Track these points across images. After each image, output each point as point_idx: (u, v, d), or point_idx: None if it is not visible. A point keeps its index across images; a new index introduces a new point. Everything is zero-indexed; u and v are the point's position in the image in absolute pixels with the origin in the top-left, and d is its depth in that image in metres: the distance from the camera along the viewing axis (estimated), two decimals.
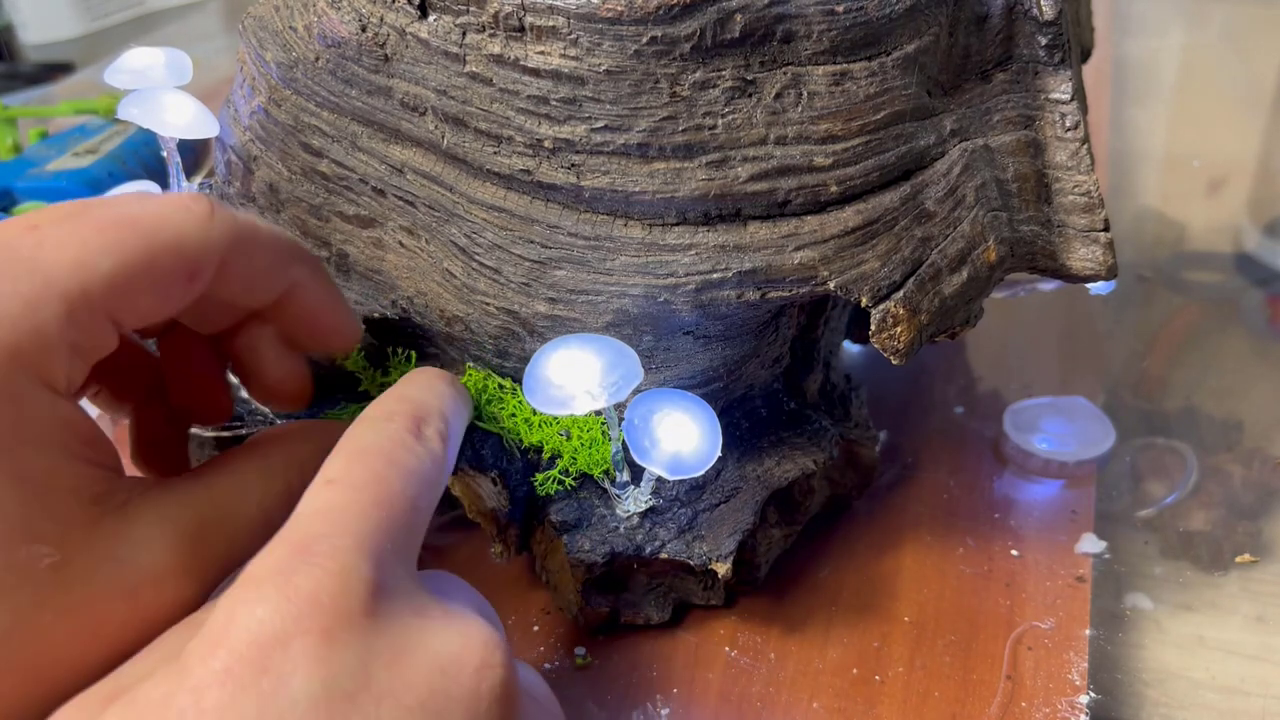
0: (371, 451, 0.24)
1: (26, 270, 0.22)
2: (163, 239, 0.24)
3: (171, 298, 0.25)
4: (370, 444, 0.24)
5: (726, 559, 0.31)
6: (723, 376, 0.33)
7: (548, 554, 0.33)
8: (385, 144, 0.32)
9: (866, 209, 0.30)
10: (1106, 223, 0.32)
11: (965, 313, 0.32)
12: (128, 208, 0.24)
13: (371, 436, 0.24)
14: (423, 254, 0.33)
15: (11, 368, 0.21)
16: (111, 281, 0.23)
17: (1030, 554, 0.36)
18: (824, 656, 0.33)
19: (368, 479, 0.23)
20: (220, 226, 0.25)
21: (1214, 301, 0.54)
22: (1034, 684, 0.31)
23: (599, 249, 0.30)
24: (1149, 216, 0.62)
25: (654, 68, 0.28)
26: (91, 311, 0.23)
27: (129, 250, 0.23)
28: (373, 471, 0.23)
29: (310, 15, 0.32)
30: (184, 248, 0.24)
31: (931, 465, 0.41)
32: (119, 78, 0.37)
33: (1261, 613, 0.36)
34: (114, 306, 0.23)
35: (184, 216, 0.24)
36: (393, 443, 0.24)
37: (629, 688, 0.32)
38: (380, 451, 0.24)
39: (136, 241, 0.23)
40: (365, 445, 0.24)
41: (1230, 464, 0.42)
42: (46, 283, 0.22)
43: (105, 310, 0.23)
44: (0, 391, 0.21)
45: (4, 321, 0.21)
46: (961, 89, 0.32)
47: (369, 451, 0.24)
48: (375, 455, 0.24)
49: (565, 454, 0.32)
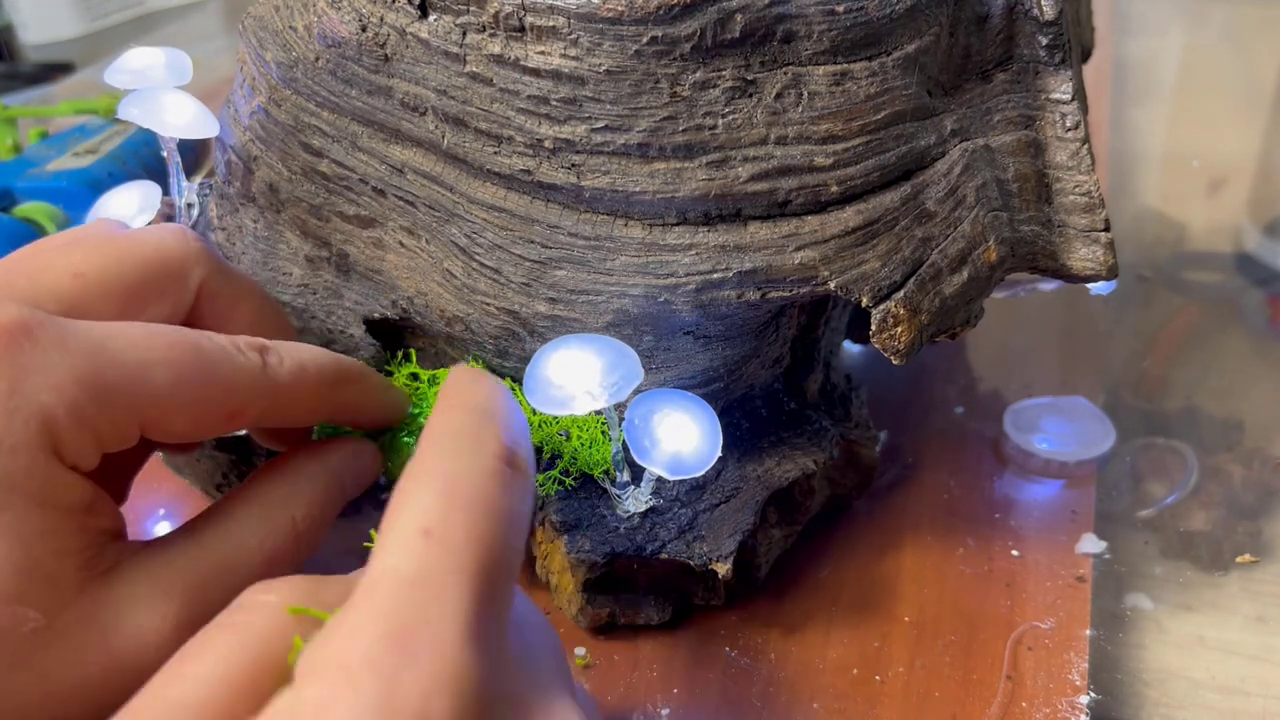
0: (468, 494, 0.21)
1: (88, 352, 0.23)
2: (219, 375, 0.25)
3: (206, 428, 0.25)
4: (465, 481, 0.21)
5: (726, 559, 0.31)
6: (723, 376, 0.33)
7: (548, 554, 0.33)
8: (385, 144, 0.32)
9: (867, 209, 0.30)
10: (1107, 223, 0.32)
11: (965, 313, 0.32)
12: (198, 334, 0.25)
13: (465, 469, 0.21)
14: (423, 254, 0.33)
15: (37, 431, 0.22)
16: (158, 395, 0.23)
17: (1030, 554, 0.36)
18: (824, 656, 0.33)
19: (469, 534, 0.20)
20: (271, 376, 0.26)
21: (1214, 301, 0.54)
22: (1034, 684, 0.31)
23: (599, 249, 0.30)
24: (1149, 216, 0.62)
25: (654, 68, 0.28)
26: (129, 412, 0.23)
27: (186, 376, 0.24)
28: (473, 525, 0.20)
29: (310, 15, 0.32)
30: (234, 391, 0.25)
31: (931, 465, 0.41)
32: (119, 78, 0.37)
33: (1261, 613, 0.36)
34: (150, 417, 0.24)
35: (241, 361, 0.25)
36: (489, 478, 0.22)
37: (629, 688, 0.32)
38: (478, 494, 0.21)
39: (195, 371, 0.24)
40: (460, 482, 0.21)
41: (1230, 464, 0.42)
42: (100, 371, 0.22)
43: (140, 415, 0.24)
44: (20, 450, 0.22)
45: (49, 390, 0.22)
46: (962, 89, 0.32)
47: (466, 494, 0.21)
48: (474, 501, 0.21)
49: (565, 454, 0.32)
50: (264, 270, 0.35)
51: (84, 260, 0.26)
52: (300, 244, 0.35)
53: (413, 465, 0.22)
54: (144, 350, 0.23)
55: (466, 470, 0.21)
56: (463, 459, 0.22)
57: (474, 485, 0.21)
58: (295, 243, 0.35)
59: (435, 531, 0.20)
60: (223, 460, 0.35)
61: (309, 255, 0.35)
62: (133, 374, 0.23)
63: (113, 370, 0.23)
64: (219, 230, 0.37)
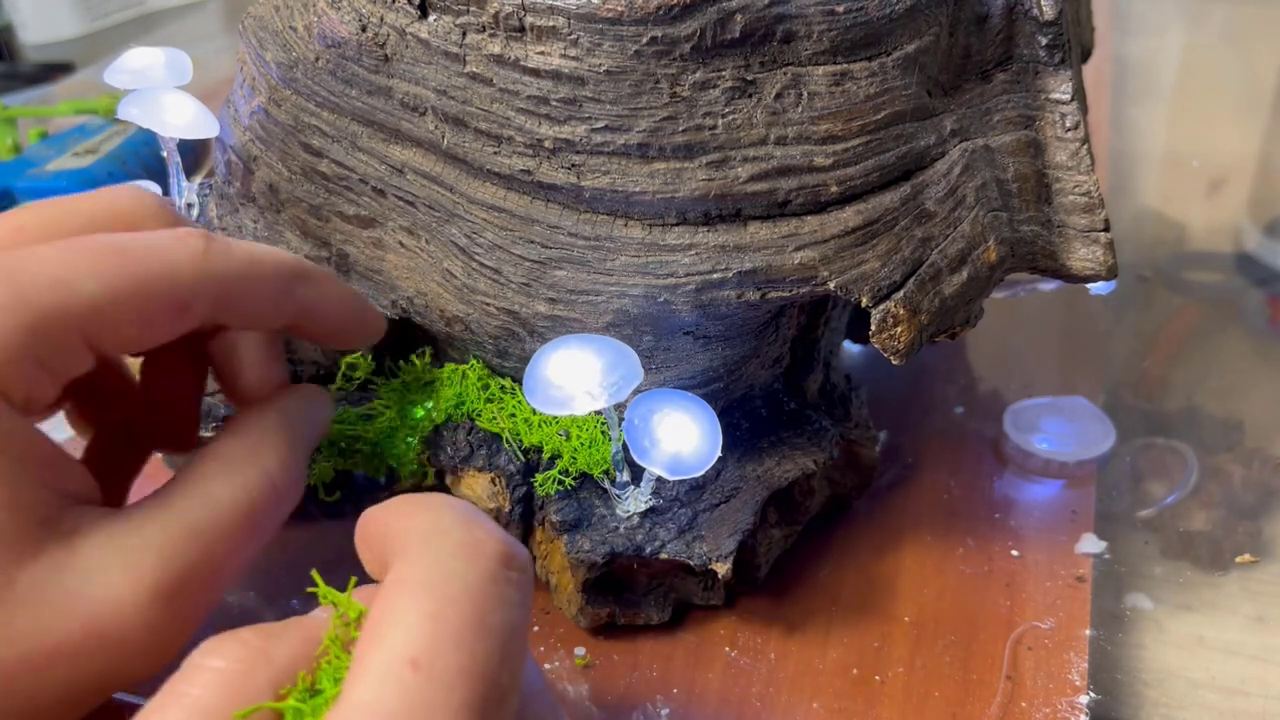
0: (463, 612, 0.19)
1: (5, 280, 0.21)
2: (152, 270, 0.23)
3: (158, 329, 0.24)
4: (459, 595, 0.19)
5: (726, 559, 0.31)
6: (723, 377, 0.33)
7: (548, 554, 0.33)
8: (385, 144, 0.32)
9: (867, 209, 0.30)
10: (1106, 223, 0.32)
11: (965, 313, 0.32)
12: (122, 238, 0.24)
13: (458, 579, 0.19)
14: (423, 254, 0.33)
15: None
16: (92, 305, 0.22)
17: (1030, 554, 0.36)
18: (824, 656, 0.33)
19: (462, 664, 0.18)
20: (215, 261, 0.24)
21: (1214, 301, 0.54)
22: (1034, 684, 0.31)
23: (599, 249, 0.30)
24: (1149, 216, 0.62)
25: (654, 68, 0.28)
26: (66, 331, 0.22)
27: (115, 277, 0.23)
28: (468, 652, 0.18)
29: (310, 15, 0.32)
30: (175, 281, 0.24)
31: (931, 465, 0.41)
32: (119, 78, 0.37)
33: (1261, 613, 0.36)
34: (93, 330, 0.23)
35: (178, 250, 0.24)
36: (485, 590, 0.19)
37: (629, 688, 0.32)
38: (474, 612, 0.19)
39: (124, 269, 0.23)
40: (452, 598, 0.19)
41: (1230, 464, 0.42)
42: (19, 295, 0.21)
43: (82, 332, 0.22)
44: None
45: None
46: (962, 89, 0.32)
47: (460, 613, 0.19)
48: (469, 621, 0.19)
49: (565, 454, 0.32)
50: None
51: (28, 217, 0.25)
52: (300, 244, 0.35)
53: (399, 571, 0.20)
54: (66, 263, 0.22)
55: (460, 581, 0.19)
56: (456, 565, 0.20)
57: (469, 601, 0.19)
58: (295, 243, 0.35)
59: (424, 662, 0.18)
60: None
61: (309, 255, 0.35)
62: (58, 289, 0.22)
63: (34, 291, 0.21)
64: (219, 230, 0.37)
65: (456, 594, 0.19)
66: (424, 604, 0.19)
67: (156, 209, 0.27)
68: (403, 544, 0.20)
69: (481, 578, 0.20)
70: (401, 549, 0.20)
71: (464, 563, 0.20)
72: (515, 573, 0.20)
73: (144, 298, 0.23)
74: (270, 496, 0.25)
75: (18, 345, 0.21)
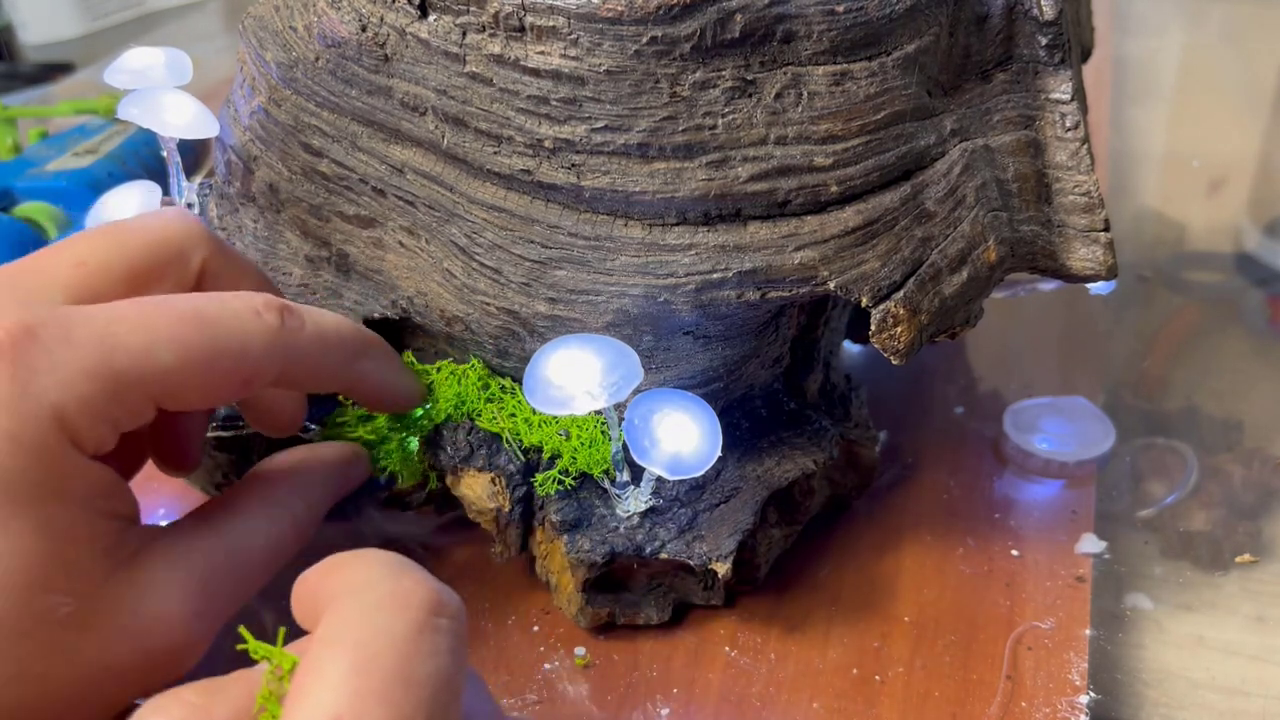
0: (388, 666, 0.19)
1: (94, 343, 0.23)
2: (228, 345, 0.25)
3: (223, 396, 0.26)
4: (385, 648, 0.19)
5: (726, 559, 0.31)
6: (723, 376, 0.33)
7: (548, 554, 0.33)
8: (385, 144, 0.32)
9: (866, 209, 0.30)
10: (1106, 223, 0.32)
11: (965, 313, 0.32)
12: (206, 306, 0.25)
13: (384, 631, 0.19)
14: (423, 254, 0.33)
15: (52, 428, 0.22)
16: (168, 373, 0.24)
17: (1030, 554, 0.36)
18: (824, 656, 0.33)
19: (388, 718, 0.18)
20: (288, 339, 0.26)
21: (1214, 301, 0.54)
22: (1034, 684, 0.31)
23: (599, 249, 0.30)
24: (1149, 216, 0.62)
25: (654, 68, 0.28)
26: (143, 396, 0.24)
27: (192, 348, 0.24)
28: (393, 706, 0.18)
29: (310, 15, 0.32)
30: (247, 357, 0.25)
31: (931, 465, 0.41)
32: (119, 78, 0.37)
33: (1261, 613, 0.36)
34: (162, 393, 0.24)
35: (254, 325, 0.25)
36: (412, 640, 0.19)
37: (629, 688, 0.32)
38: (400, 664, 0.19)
39: (201, 341, 0.24)
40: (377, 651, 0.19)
41: (1230, 464, 0.42)
42: (106, 361, 0.23)
43: (153, 395, 0.24)
44: (38, 450, 0.22)
45: (59, 387, 0.22)
46: (961, 89, 0.32)
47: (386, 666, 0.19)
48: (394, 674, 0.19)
49: (565, 454, 0.32)
50: (264, 270, 0.35)
51: (86, 249, 0.26)
52: (300, 244, 0.35)
53: (326, 627, 0.19)
54: (149, 330, 0.23)
55: (385, 634, 0.19)
56: (381, 618, 0.19)
57: (395, 654, 0.19)
58: (295, 243, 0.35)
59: (347, 719, 0.18)
60: (223, 460, 0.35)
61: (309, 255, 0.35)
62: (140, 357, 0.23)
63: (119, 356, 0.23)
64: (219, 230, 0.37)
65: (382, 648, 0.19)
66: (349, 660, 0.19)
67: (203, 234, 0.28)
68: (330, 600, 0.20)
69: (408, 629, 0.19)
70: (329, 605, 0.20)
71: (390, 615, 0.19)
72: (445, 620, 0.20)
73: (217, 370, 0.25)
74: (294, 539, 0.28)
75: (99, 407, 0.23)
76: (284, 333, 0.26)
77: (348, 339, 0.28)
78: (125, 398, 0.23)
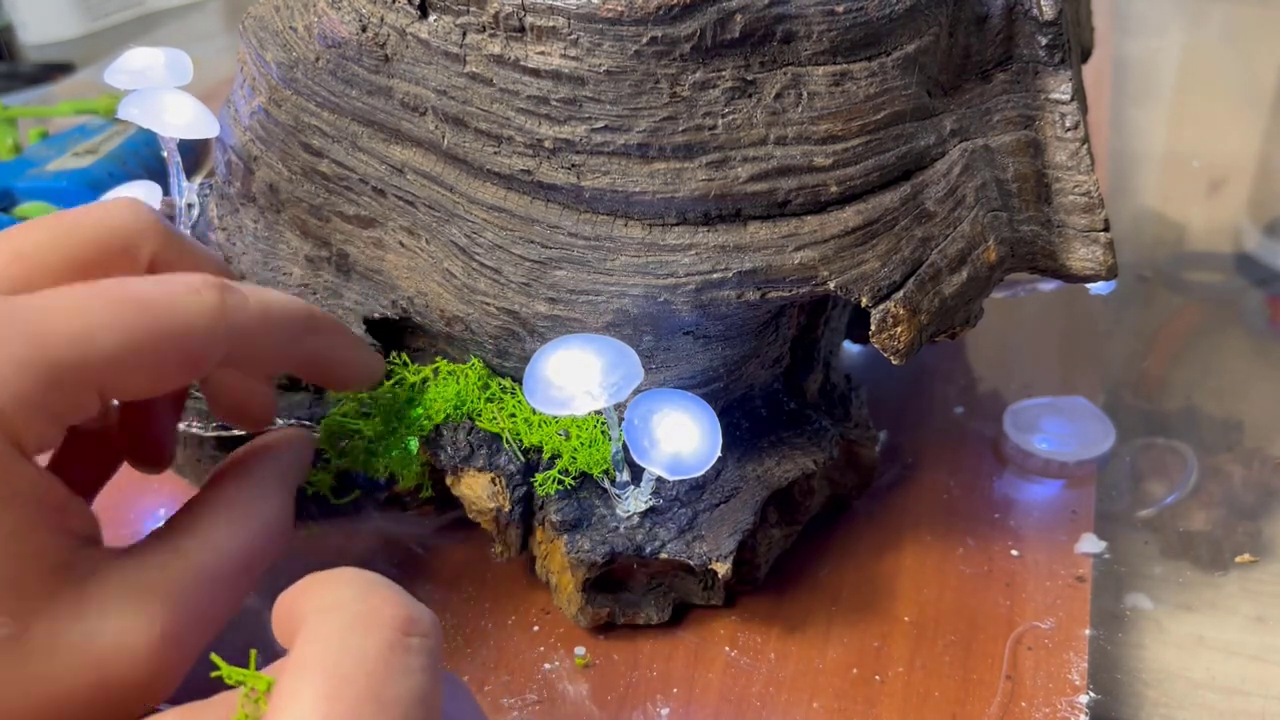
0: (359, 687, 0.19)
1: (25, 333, 0.21)
2: (170, 326, 0.23)
3: (169, 380, 0.24)
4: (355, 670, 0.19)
5: (726, 559, 0.31)
6: (723, 376, 0.33)
7: (548, 554, 0.33)
8: (385, 144, 0.32)
9: (866, 209, 0.30)
10: (1106, 223, 0.32)
11: (965, 313, 0.32)
12: (141, 287, 0.24)
13: (354, 652, 0.19)
14: (423, 254, 0.33)
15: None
16: (109, 359, 0.22)
17: (1030, 554, 0.36)
18: (824, 656, 0.33)
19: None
20: (231, 316, 0.25)
21: (1214, 301, 0.54)
22: (1034, 684, 0.31)
23: (599, 249, 0.30)
24: (1149, 216, 0.62)
25: (654, 68, 0.28)
26: (82, 384, 0.22)
27: (133, 331, 0.23)
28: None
29: (310, 15, 0.32)
30: (190, 337, 0.24)
31: (931, 465, 0.41)
32: (119, 78, 0.37)
33: (1261, 613, 0.36)
34: (105, 381, 0.23)
35: (194, 305, 0.24)
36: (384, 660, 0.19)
37: (629, 688, 0.32)
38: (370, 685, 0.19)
39: (142, 324, 0.23)
40: (348, 673, 0.19)
41: (1230, 464, 0.42)
42: (40, 349, 0.21)
43: (96, 383, 0.22)
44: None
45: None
46: (961, 89, 0.32)
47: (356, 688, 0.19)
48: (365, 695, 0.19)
49: (565, 454, 0.32)
50: (264, 270, 0.35)
51: (25, 241, 0.25)
52: (300, 244, 0.35)
53: (298, 650, 0.19)
54: (84, 315, 0.22)
55: (356, 655, 0.19)
56: (352, 640, 0.19)
57: (365, 675, 0.19)
58: (295, 243, 0.35)
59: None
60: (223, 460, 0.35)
61: (309, 255, 0.35)
62: (77, 344, 0.22)
63: (54, 344, 0.21)
64: (219, 230, 0.37)
65: (352, 669, 0.19)
66: (319, 684, 0.19)
67: (152, 224, 0.27)
68: (303, 622, 0.20)
69: (379, 648, 0.19)
70: (302, 627, 0.20)
71: (360, 636, 0.19)
72: (417, 638, 0.20)
73: (160, 353, 0.23)
74: (266, 545, 0.26)
75: (36, 399, 0.21)
76: (226, 310, 0.24)
77: (294, 315, 0.27)
78: (64, 388, 0.22)
